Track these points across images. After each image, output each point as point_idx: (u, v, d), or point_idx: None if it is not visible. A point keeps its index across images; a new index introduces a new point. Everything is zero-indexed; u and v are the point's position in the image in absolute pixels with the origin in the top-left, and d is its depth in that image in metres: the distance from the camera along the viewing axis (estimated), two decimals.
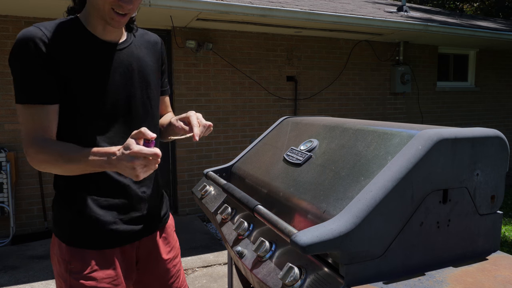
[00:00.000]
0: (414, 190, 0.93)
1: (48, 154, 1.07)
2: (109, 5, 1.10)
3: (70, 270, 1.16)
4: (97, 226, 1.18)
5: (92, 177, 1.16)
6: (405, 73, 6.12)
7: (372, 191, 0.89)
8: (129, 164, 0.97)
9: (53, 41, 1.09)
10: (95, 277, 1.17)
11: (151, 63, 1.32)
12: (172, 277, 1.40)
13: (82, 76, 1.13)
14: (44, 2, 3.61)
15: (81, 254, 1.17)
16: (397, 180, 0.90)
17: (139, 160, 0.97)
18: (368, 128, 1.18)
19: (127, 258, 1.26)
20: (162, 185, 1.44)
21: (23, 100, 1.09)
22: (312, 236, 0.83)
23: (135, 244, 1.28)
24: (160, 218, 1.37)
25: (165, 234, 1.40)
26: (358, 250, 0.87)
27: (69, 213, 1.18)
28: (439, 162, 0.96)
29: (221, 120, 5.13)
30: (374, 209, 0.87)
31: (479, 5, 15.13)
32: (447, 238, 1.01)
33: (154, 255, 1.35)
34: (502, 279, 0.93)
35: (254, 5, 4.23)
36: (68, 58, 1.11)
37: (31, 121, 1.09)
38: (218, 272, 3.43)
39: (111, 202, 1.20)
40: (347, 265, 0.87)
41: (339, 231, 0.84)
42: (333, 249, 0.84)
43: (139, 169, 0.98)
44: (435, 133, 0.96)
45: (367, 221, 0.87)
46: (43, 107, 1.09)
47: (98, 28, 1.17)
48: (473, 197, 1.04)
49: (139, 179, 1.00)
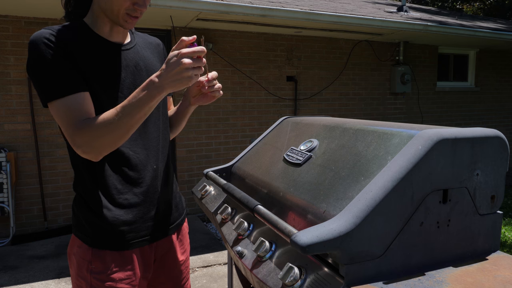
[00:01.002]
0: (414, 190, 0.93)
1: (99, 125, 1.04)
2: (124, 10, 1.13)
3: (91, 270, 1.17)
4: (117, 228, 1.18)
5: (112, 175, 1.17)
6: (405, 73, 6.12)
7: (372, 191, 0.89)
8: (179, 68, 0.99)
9: (66, 39, 1.10)
10: (115, 277, 1.17)
11: (155, 62, 1.33)
12: (184, 278, 1.42)
13: (97, 75, 1.14)
14: (44, 2, 3.61)
15: (102, 255, 1.18)
16: (397, 180, 0.90)
17: (189, 59, 1.00)
18: (368, 128, 1.18)
19: (145, 258, 1.27)
20: (177, 185, 1.46)
21: (57, 94, 1.06)
22: (312, 236, 0.83)
23: (153, 245, 1.29)
24: (177, 219, 1.39)
25: (181, 235, 1.41)
26: (358, 250, 0.87)
27: (89, 214, 1.19)
28: (439, 162, 0.96)
29: (221, 120, 5.13)
30: (374, 209, 0.87)
31: (479, 5, 15.13)
32: (447, 238, 1.01)
33: (171, 256, 1.36)
34: (502, 279, 0.93)
35: (254, 5, 4.23)
36: (82, 56, 1.12)
37: (70, 111, 1.06)
38: (218, 272, 3.43)
39: (131, 201, 1.21)
40: (347, 265, 0.87)
41: (339, 231, 0.84)
42: (333, 249, 0.84)
43: (191, 70, 1.00)
44: (435, 133, 0.96)
45: (367, 221, 0.87)
46: (78, 95, 1.08)
47: (105, 30, 1.19)
48: (473, 197, 1.04)
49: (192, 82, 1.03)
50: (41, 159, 4.26)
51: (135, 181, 1.22)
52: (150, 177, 1.25)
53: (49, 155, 4.31)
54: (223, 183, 1.44)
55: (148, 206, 1.25)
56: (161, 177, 1.29)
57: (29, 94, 4.15)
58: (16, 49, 4.09)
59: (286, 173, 1.28)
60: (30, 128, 4.20)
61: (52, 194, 4.36)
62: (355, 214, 0.86)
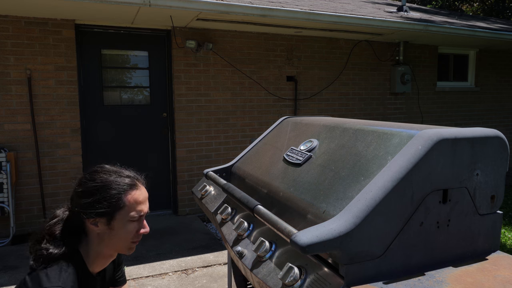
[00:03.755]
0: (414, 190, 0.93)
1: None
2: (131, 239, 1.19)
3: None
4: None
5: None
6: (405, 73, 6.11)
7: (372, 191, 0.89)
8: None
9: None
10: None
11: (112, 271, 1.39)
12: None
13: None
14: (44, 2, 3.61)
15: None
16: (397, 180, 0.90)
17: None
18: (368, 128, 1.18)
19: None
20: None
21: None
22: (312, 236, 0.83)
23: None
24: None
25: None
26: (358, 250, 0.87)
27: None
28: (439, 162, 0.96)
29: (221, 120, 5.13)
30: (374, 209, 0.87)
31: (478, 4, 15.12)
32: (447, 238, 1.01)
33: None
34: (501, 279, 0.93)
35: (254, 5, 4.24)
36: None
37: None
38: (218, 272, 3.43)
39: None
40: (347, 265, 0.87)
41: (339, 231, 0.84)
42: (333, 249, 0.84)
43: None
44: (435, 133, 0.96)
45: (367, 221, 0.87)
46: None
47: (98, 265, 1.23)
48: (473, 197, 1.04)
49: None
50: (41, 159, 4.26)
51: None
52: None
53: (49, 155, 4.31)
54: (223, 183, 1.44)
55: None
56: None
57: (29, 94, 4.15)
58: (16, 49, 4.09)
59: (286, 173, 1.29)
60: (30, 128, 4.20)
61: (52, 194, 4.36)
62: (355, 214, 0.86)
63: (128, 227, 1.18)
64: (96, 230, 1.18)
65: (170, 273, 3.39)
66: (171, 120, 4.94)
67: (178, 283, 3.23)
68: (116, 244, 1.18)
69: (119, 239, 1.17)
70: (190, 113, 4.94)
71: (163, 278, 3.31)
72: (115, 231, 1.17)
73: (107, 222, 1.16)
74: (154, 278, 3.30)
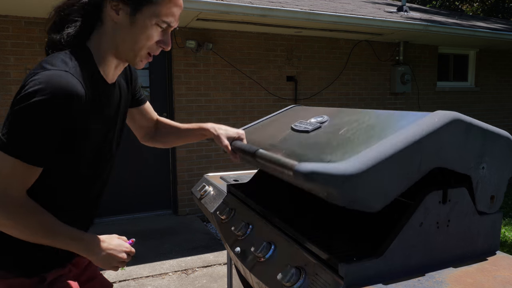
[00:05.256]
0: (422, 158, 0.92)
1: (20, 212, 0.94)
2: (147, 49, 1.05)
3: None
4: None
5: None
6: (405, 73, 6.11)
7: (383, 145, 0.88)
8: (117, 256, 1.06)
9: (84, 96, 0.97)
10: None
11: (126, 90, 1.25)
12: None
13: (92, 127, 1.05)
14: (44, 2, 3.60)
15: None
16: (409, 142, 0.89)
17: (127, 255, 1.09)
18: (382, 111, 1.19)
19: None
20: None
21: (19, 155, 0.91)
22: (317, 166, 0.82)
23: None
24: None
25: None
26: (359, 196, 0.84)
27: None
28: (451, 139, 0.96)
29: (221, 120, 5.13)
30: (382, 162, 0.85)
31: (478, 4, 15.13)
32: (447, 238, 1.00)
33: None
34: (501, 280, 0.93)
35: (254, 5, 4.23)
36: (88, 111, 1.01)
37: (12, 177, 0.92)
38: (218, 272, 3.43)
39: None
40: (347, 265, 0.87)
41: (343, 171, 0.82)
42: (334, 187, 0.81)
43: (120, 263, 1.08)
44: (452, 113, 0.98)
45: (372, 171, 0.84)
46: (35, 169, 0.95)
47: (110, 69, 1.09)
48: (473, 197, 1.04)
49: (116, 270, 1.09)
50: None
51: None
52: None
53: None
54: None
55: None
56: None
57: None
58: (16, 49, 4.09)
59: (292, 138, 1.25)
60: None
61: None
62: (361, 160, 0.84)
63: (150, 31, 1.02)
64: (114, 19, 1.01)
65: (170, 273, 3.39)
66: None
67: (178, 283, 3.23)
68: (129, 45, 1.02)
69: (135, 40, 1.02)
70: (190, 113, 4.94)
71: (163, 278, 3.31)
72: (135, 28, 1.01)
73: (131, 12, 0.99)
74: (154, 278, 3.30)
